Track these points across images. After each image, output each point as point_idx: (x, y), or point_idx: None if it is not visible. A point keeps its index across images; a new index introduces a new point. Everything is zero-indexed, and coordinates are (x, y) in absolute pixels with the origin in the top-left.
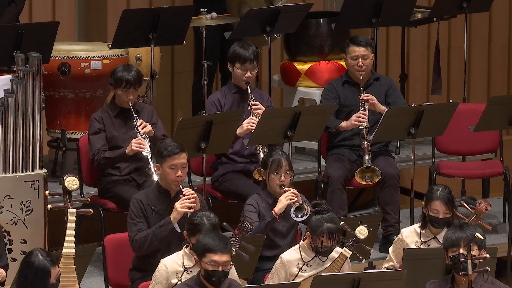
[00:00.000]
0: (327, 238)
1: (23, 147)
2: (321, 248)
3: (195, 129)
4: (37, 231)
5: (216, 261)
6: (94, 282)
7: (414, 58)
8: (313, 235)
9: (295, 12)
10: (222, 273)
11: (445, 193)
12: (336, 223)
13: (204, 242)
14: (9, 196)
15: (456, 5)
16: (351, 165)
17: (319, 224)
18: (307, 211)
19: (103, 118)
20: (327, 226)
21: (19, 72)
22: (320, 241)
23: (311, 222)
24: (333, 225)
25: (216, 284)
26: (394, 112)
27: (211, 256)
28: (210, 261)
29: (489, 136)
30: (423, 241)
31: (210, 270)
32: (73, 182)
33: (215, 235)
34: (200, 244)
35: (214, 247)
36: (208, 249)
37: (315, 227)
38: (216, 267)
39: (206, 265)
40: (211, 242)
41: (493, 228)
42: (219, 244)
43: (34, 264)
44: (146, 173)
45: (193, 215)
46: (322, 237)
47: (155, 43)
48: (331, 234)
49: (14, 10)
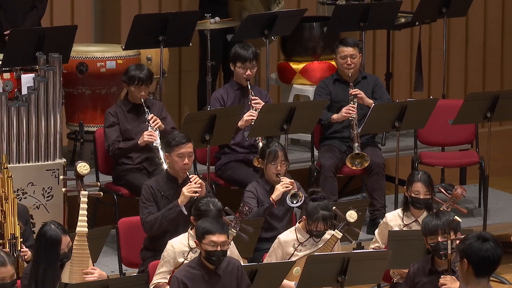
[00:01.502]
0: (321, 224)
1: (45, 138)
2: (315, 232)
3: (201, 123)
4: (57, 214)
5: (215, 242)
6: (109, 261)
7: (398, 58)
8: (309, 220)
9: (290, 16)
10: (221, 252)
11: (425, 176)
12: (330, 210)
13: (203, 225)
14: (32, 183)
15: (436, 10)
16: (341, 155)
17: (315, 211)
18: (301, 198)
19: (117, 112)
20: (322, 214)
21: (41, 71)
22: (315, 226)
23: (308, 208)
24: (328, 213)
25: (216, 263)
26: (380, 107)
27: (210, 237)
28: (209, 242)
29: (466, 129)
30: (406, 224)
31: (210, 250)
32: (84, 167)
33: (212, 219)
34: (199, 228)
35: (212, 229)
36: (207, 231)
37: (311, 213)
38: (215, 247)
39: (206, 246)
40: (209, 225)
41: (469, 212)
42: (217, 226)
43: (46, 232)
44: (156, 162)
45: (200, 201)
46: (317, 223)
47: (164, 44)
48: (325, 220)
49: (36, 15)
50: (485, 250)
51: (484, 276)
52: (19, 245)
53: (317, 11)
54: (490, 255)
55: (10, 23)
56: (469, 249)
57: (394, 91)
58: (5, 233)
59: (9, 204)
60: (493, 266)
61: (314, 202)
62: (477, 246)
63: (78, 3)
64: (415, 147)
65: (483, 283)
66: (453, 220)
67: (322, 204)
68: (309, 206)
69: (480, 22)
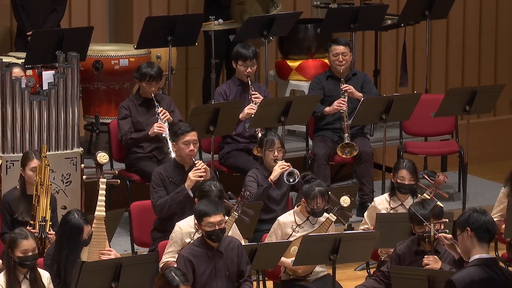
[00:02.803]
0: (320, 199)
1: (64, 129)
2: (317, 209)
3: (205, 115)
4: (75, 199)
5: (212, 222)
6: (122, 241)
7: (385, 56)
8: (307, 199)
9: (287, 19)
10: (219, 230)
11: (410, 164)
12: (324, 186)
13: (199, 208)
14: (52, 170)
15: (419, 13)
16: (333, 144)
17: (311, 189)
18: (297, 175)
19: (129, 106)
20: (318, 189)
21: (60, 68)
22: (315, 203)
23: (304, 190)
24: (323, 188)
25: (216, 240)
26: (368, 101)
27: (207, 219)
28: (207, 223)
29: (446, 120)
30: (392, 207)
31: (209, 231)
32: (104, 157)
33: (206, 201)
34: (196, 211)
35: (208, 211)
36: (203, 213)
37: (308, 192)
38: (213, 227)
39: (205, 227)
40: (204, 208)
41: (450, 196)
42: (211, 208)
43: (70, 221)
44: (165, 151)
45: (203, 183)
46: (316, 199)
47: (172, 44)
48: (323, 195)
49: (56, 17)
50: (483, 220)
51: (485, 241)
52: (47, 228)
53: (312, 14)
54: (490, 225)
55: (32, 24)
56: (470, 218)
57: (381, 86)
58: (37, 215)
59: (44, 190)
60: (491, 235)
61: (308, 183)
62: (477, 216)
63: (94, 6)
64: (400, 137)
65: (485, 248)
66: (436, 206)
67: (316, 182)
68: (305, 188)
69: (460, 24)
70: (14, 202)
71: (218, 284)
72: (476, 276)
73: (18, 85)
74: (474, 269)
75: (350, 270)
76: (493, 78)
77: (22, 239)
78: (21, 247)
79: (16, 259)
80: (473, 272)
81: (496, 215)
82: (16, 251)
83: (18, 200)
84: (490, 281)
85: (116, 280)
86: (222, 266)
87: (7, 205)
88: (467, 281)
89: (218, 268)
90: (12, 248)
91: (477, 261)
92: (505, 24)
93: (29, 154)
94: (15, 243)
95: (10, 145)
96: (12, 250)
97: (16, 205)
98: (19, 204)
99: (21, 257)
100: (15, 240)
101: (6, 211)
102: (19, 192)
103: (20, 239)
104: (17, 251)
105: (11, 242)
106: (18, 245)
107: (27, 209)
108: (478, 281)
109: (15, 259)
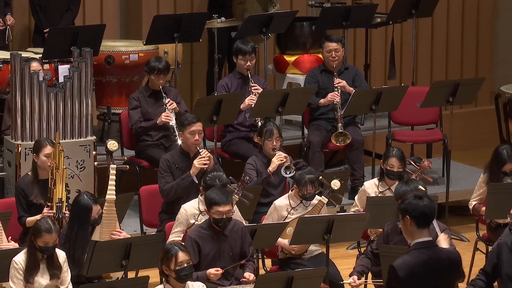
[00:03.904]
0: (310, 186)
1: (78, 119)
2: (307, 194)
3: (209, 106)
4: (89, 183)
5: (221, 211)
6: (132, 222)
7: (375, 52)
8: (299, 186)
9: (284, 17)
10: (226, 219)
11: (399, 152)
12: (314, 173)
13: (211, 197)
14: (67, 157)
15: (406, 12)
16: (327, 133)
17: (302, 177)
18: (293, 170)
19: (139, 97)
20: (308, 177)
21: (75, 62)
22: (305, 190)
23: (296, 177)
24: (313, 175)
25: (222, 227)
26: (359, 93)
27: (216, 208)
28: (216, 212)
29: (431, 111)
30: (381, 191)
31: (217, 218)
32: (113, 144)
33: (218, 190)
34: (207, 198)
35: (218, 201)
36: (214, 202)
37: (299, 180)
38: (221, 215)
39: (213, 214)
40: (216, 197)
41: (434, 181)
42: (222, 198)
43: (80, 201)
44: (172, 139)
45: (208, 176)
46: (306, 186)
47: (178, 40)
48: (312, 182)
49: (71, 16)
50: (422, 206)
51: (424, 227)
52: (64, 208)
53: (307, 12)
54: (427, 209)
55: (48, 22)
56: (409, 206)
57: (371, 79)
58: (54, 197)
59: (59, 173)
60: (430, 218)
61: (300, 171)
62: (416, 203)
63: (107, 5)
64: (389, 126)
65: (424, 233)
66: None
67: (306, 170)
68: (296, 175)
69: (444, 21)
70: (28, 187)
71: (222, 264)
72: (415, 259)
73: (36, 78)
74: (413, 253)
75: (342, 249)
76: (474, 71)
77: (45, 232)
78: (44, 239)
79: (37, 247)
80: (413, 256)
81: (476, 198)
82: (39, 241)
83: (31, 185)
84: (428, 261)
85: (126, 258)
86: (226, 247)
87: (21, 191)
88: (408, 265)
89: (222, 249)
90: (35, 236)
91: (416, 245)
92: (486, 21)
93: (41, 141)
94: (39, 234)
95: (29, 134)
96: (35, 238)
97: (30, 189)
98: (33, 188)
99: (42, 247)
100: (40, 231)
101: (20, 196)
102: (32, 178)
103: (44, 233)
104: (39, 241)
105: (35, 231)
106: (41, 236)
107: (40, 193)
108: (418, 263)
109: (36, 246)
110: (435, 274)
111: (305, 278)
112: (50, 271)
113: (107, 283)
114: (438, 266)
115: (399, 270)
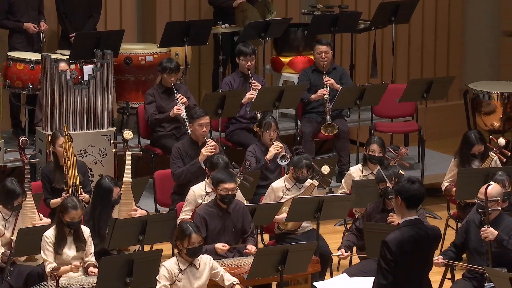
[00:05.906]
0: (305, 170)
1: (100, 112)
2: (301, 177)
3: (214, 101)
4: (110, 168)
5: (227, 188)
6: (148, 202)
7: (359, 54)
8: (295, 168)
9: (280, 23)
10: (231, 195)
11: (379, 139)
12: (310, 160)
13: (218, 176)
14: (91, 145)
15: (387, 19)
16: (318, 124)
17: (299, 160)
18: (288, 159)
19: (154, 93)
20: (305, 162)
21: (98, 63)
22: (301, 172)
23: (293, 160)
24: (308, 161)
25: (228, 203)
26: (346, 90)
27: (223, 185)
28: (222, 189)
29: (408, 105)
30: (364, 175)
31: (223, 195)
32: (129, 134)
33: (224, 171)
34: (215, 178)
35: (224, 179)
36: (220, 180)
37: (296, 163)
38: (226, 192)
39: (220, 191)
40: (222, 176)
41: (411, 166)
42: (228, 177)
43: (102, 184)
44: (182, 130)
45: (212, 157)
46: (302, 169)
47: (188, 44)
48: (308, 166)
49: (93, 22)
50: (413, 190)
51: (413, 208)
52: (78, 191)
53: (300, 19)
54: (417, 192)
55: (73, 28)
56: (402, 188)
57: (356, 77)
58: (69, 182)
59: (70, 161)
60: (419, 201)
61: (298, 155)
62: (408, 186)
63: (125, 12)
64: (371, 118)
65: (412, 212)
66: (398, 173)
67: (303, 156)
68: (294, 159)
69: (419, 27)
70: (51, 173)
71: (225, 238)
72: (405, 234)
73: (64, 77)
74: (403, 229)
75: (331, 225)
76: (446, 71)
77: (72, 209)
78: (71, 214)
79: (65, 222)
80: (402, 232)
81: (448, 180)
82: (66, 216)
83: (54, 171)
84: (416, 235)
85: (142, 233)
86: (229, 224)
87: (46, 176)
88: (399, 239)
89: (226, 225)
90: (63, 212)
91: (406, 223)
92: (456, 27)
93: (56, 133)
94: (67, 210)
95: (57, 125)
96: (63, 214)
97: (53, 175)
98: (55, 174)
99: (69, 222)
100: (67, 208)
101: (45, 181)
102: (54, 165)
103: (70, 209)
104: (66, 217)
105: (63, 208)
106: (68, 212)
107: (61, 178)
108: (407, 237)
109: (64, 222)
110: (421, 246)
111: (298, 251)
112: (76, 244)
113: (126, 255)
114: (424, 239)
115: (391, 244)
